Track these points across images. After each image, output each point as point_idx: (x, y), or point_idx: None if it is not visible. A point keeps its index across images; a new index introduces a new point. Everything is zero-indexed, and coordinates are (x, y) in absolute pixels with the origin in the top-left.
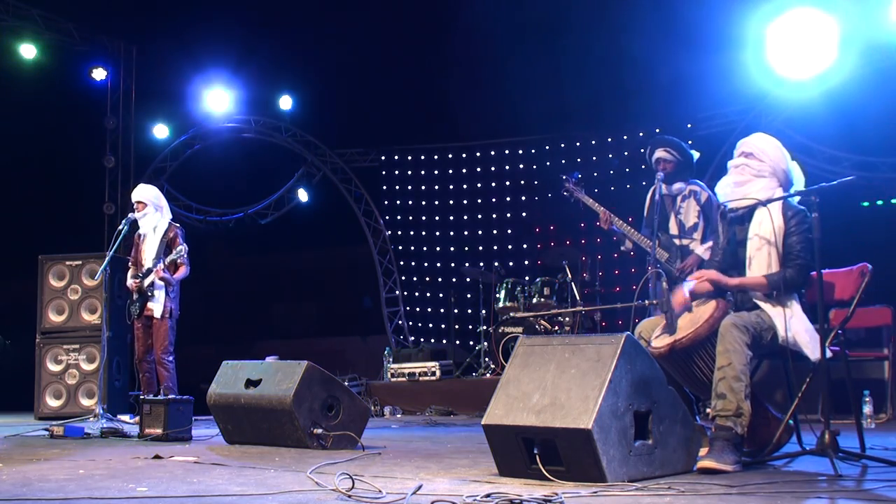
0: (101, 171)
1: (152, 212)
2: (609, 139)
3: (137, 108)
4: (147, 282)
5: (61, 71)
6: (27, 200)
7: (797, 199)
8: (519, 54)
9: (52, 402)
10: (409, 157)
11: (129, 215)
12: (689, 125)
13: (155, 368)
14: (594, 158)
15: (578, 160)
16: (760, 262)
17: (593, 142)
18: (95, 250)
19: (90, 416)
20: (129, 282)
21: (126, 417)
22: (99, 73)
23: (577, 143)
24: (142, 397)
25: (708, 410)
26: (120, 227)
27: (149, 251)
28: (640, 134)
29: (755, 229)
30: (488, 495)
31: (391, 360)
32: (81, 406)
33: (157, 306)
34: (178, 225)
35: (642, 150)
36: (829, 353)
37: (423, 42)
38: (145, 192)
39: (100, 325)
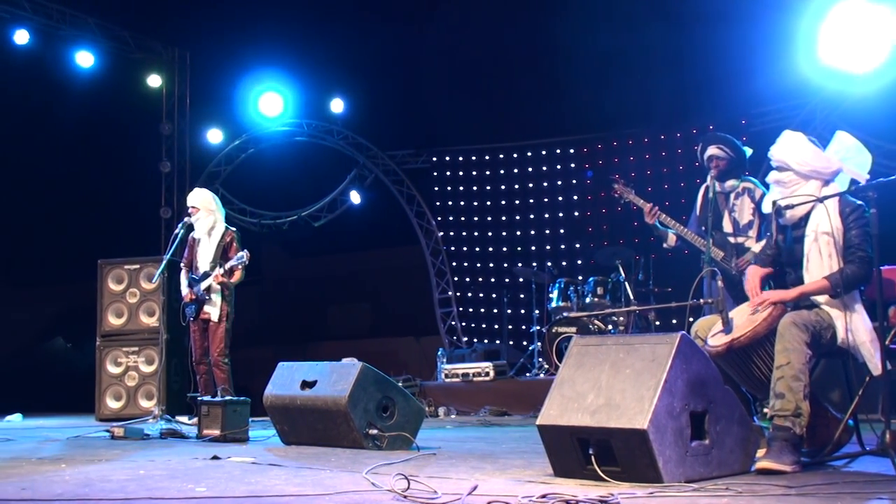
0: (157, 176)
1: (206, 216)
2: (662, 136)
3: (192, 114)
4: (204, 286)
5: (117, 78)
6: (86, 206)
7: (852, 188)
8: (569, 52)
9: (113, 404)
10: (461, 158)
11: (185, 219)
12: (742, 121)
13: (212, 370)
14: (647, 156)
15: (631, 158)
16: (817, 259)
17: (646, 139)
18: (153, 254)
19: (149, 417)
20: (184, 290)
21: (184, 419)
22: (154, 80)
23: (630, 142)
24: (199, 399)
25: (766, 410)
26: (176, 230)
27: (204, 255)
28: (693, 131)
29: (812, 226)
30: (544, 496)
31: (445, 360)
32: (141, 407)
33: (213, 310)
34: (233, 229)
35: (695, 148)
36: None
37: (473, 43)
38: (199, 197)
39: (158, 327)
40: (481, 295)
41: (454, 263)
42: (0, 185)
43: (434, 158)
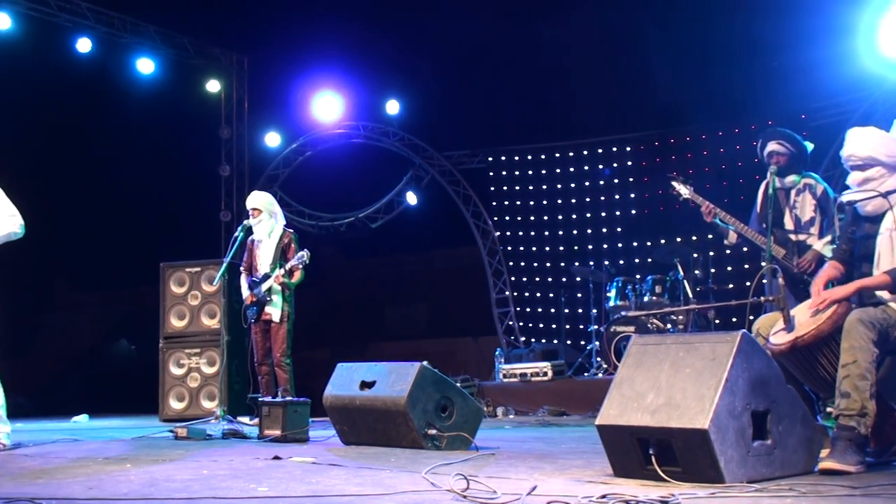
0: (216, 180)
1: (266, 218)
2: (719, 133)
3: (250, 118)
4: (265, 287)
5: (177, 84)
6: (148, 210)
7: None
8: (624, 50)
9: (176, 405)
10: (517, 158)
11: (245, 222)
12: (802, 116)
13: (273, 371)
14: (704, 153)
15: (688, 155)
16: (887, 254)
17: (703, 136)
18: (213, 257)
19: (211, 417)
20: (245, 293)
21: (245, 419)
22: (213, 85)
23: (687, 138)
24: (260, 399)
25: (830, 409)
26: (236, 233)
27: (264, 257)
28: (752, 127)
29: (887, 224)
30: (604, 496)
31: (503, 360)
32: (203, 408)
33: (275, 311)
34: (291, 231)
35: (754, 144)
36: None
37: (527, 42)
38: (259, 199)
39: (219, 329)
40: (538, 294)
41: (511, 263)
42: (65, 191)
43: (490, 158)
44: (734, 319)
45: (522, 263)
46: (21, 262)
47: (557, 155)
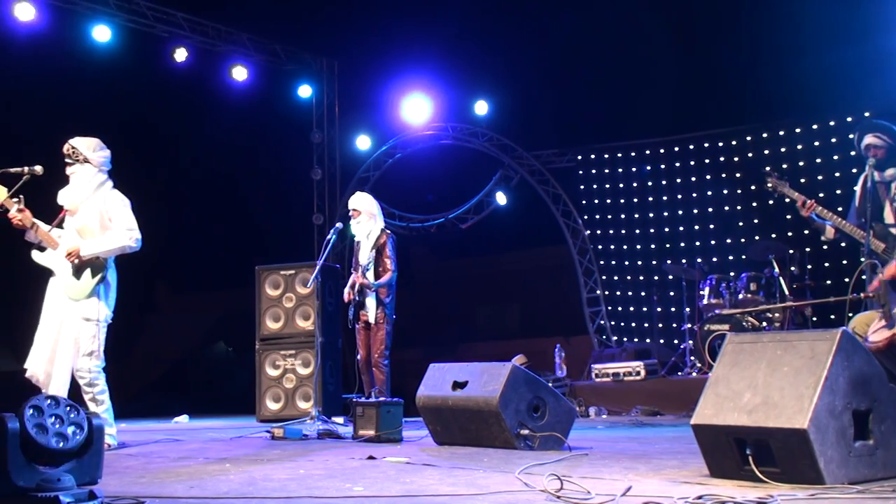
0: (308, 184)
1: (365, 220)
2: (815, 126)
3: (341, 121)
4: (357, 287)
5: (269, 90)
6: (244, 214)
7: None
8: (712, 42)
9: (272, 405)
10: (606, 155)
11: (337, 225)
12: None
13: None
14: (799, 147)
15: (782, 150)
16: None
17: (798, 130)
18: (306, 259)
19: (307, 418)
20: (346, 293)
21: (339, 419)
22: (304, 91)
23: (781, 133)
24: (355, 400)
25: None
26: (328, 236)
27: (363, 257)
28: (848, 119)
29: None
30: (700, 497)
31: (595, 360)
32: (298, 409)
33: (370, 312)
34: (389, 232)
35: (851, 136)
36: None
37: (614, 39)
38: (359, 200)
39: (313, 331)
40: (630, 293)
41: (602, 262)
42: (164, 196)
43: (579, 157)
44: (832, 317)
45: (613, 262)
46: (125, 266)
47: (647, 152)
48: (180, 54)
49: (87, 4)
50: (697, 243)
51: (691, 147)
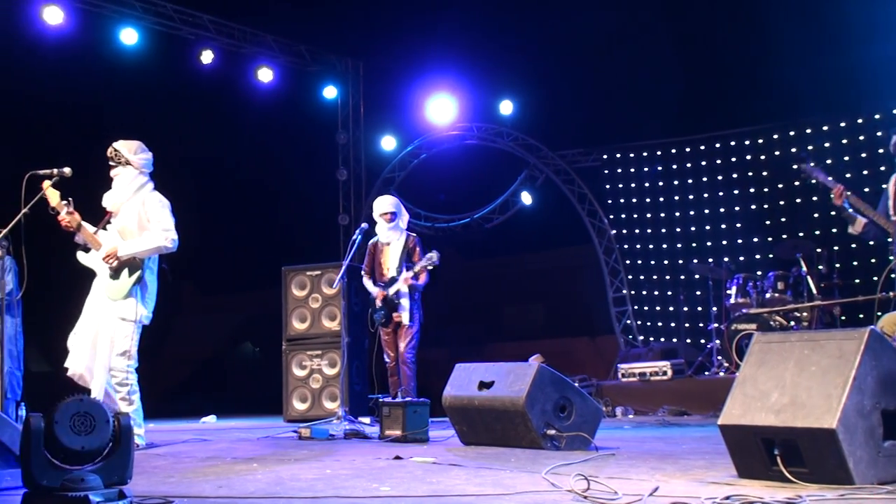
0: (334, 185)
1: (398, 223)
2: (842, 124)
3: (366, 122)
4: (393, 290)
5: (295, 91)
6: (269, 215)
7: None
8: (739, 42)
9: (299, 406)
10: (632, 155)
11: (363, 225)
12: None
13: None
14: (826, 145)
15: (809, 148)
16: None
17: (825, 127)
18: (332, 260)
19: (333, 418)
20: (375, 291)
21: (366, 420)
22: (330, 92)
23: (808, 130)
24: (381, 400)
25: None
26: (354, 236)
27: (391, 260)
28: (876, 116)
29: None
30: (728, 497)
31: (621, 360)
32: (325, 409)
33: (404, 314)
34: (414, 234)
35: (879, 134)
36: None
37: (637, 38)
38: (392, 203)
39: (339, 331)
40: (656, 293)
41: (628, 261)
42: (190, 197)
43: (605, 156)
44: (861, 316)
45: (639, 261)
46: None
47: (673, 150)
48: (206, 56)
49: (114, 7)
50: (724, 242)
51: (717, 145)
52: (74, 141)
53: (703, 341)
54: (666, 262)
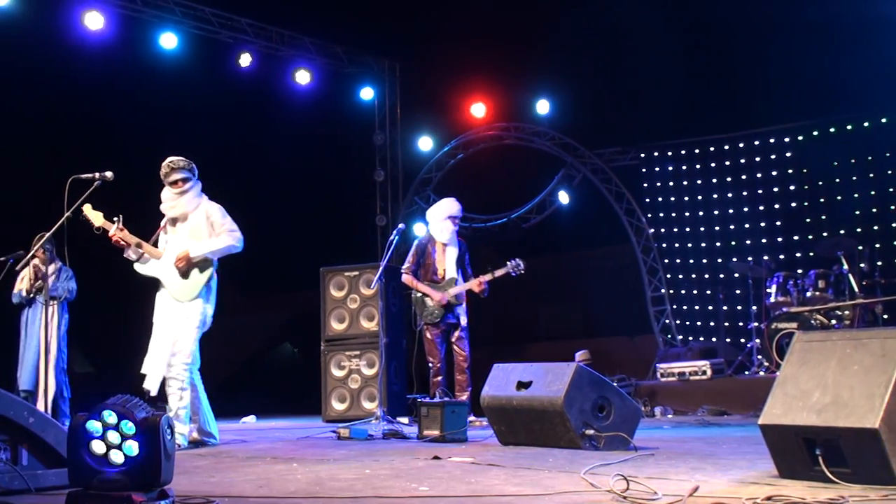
0: (371, 186)
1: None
2: (883, 120)
3: (403, 123)
4: (455, 291)
5: (332, 93)
6: (308, 216)
7: None
8: (777, 39)
9: (338, 406)
10: (670, 153)
11: (400, 226)
12: None
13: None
14: (867, 142)
15: (849, 144)
16: None
17: (865, 124)
18: (369, 261)
19: (372, 418)
20: (431, 290)
21: (404, 420)
22: (367, 93)
23: (848, 127)
24: (419, 400)
25: None
26: (391, 237)
27: (449, 262)
28: None
29: None
30: (769, 498)
31: (660, 359)
32: (363, 409)
33: (462, 316)
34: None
35: None
36: None
37: (676, 34)
38: (458, 207)
39: (377, 331)
40: (695, 292)
41: (666, 260)
42: (229, 200)
43: (642, 154)
44: None
45: (678, 260)
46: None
47: (712, 148)
48: (245, 59)
49: (153, 12)
50: (764, 240)
51: (757, 143)
52: (115, 145)
53: (742, 340)
54: (705, 260)
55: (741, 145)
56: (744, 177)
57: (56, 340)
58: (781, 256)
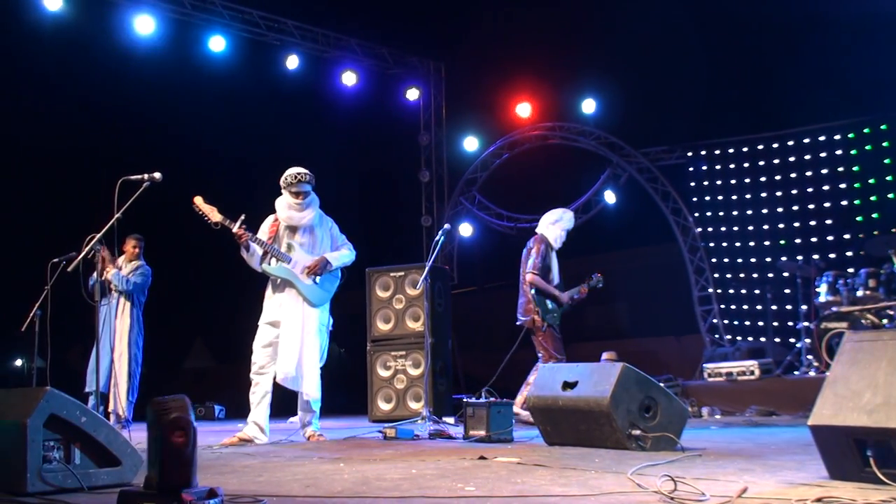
0: (417, 186)
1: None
2: None
3: (448, 123)
4: (567, 296)
5: (378, 94)
6: (354, 217)
7: None
8: (828, 35)
9: (384, 406)
10: (717, 152)
11: (445, 226)
12: None
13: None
14: None
15: None
16: None
17: None
18: (415, 261)
19: (418, 418)
20: (565, 297)
21: (450, 420)
22: (412, 94)
23: None
24: (465, 400)
25: None
26: (437, 237)
27: (556, 268)
28: None
29: None
30: (819, 500)
31: (707, 359)
32: (409, 409)
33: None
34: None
35: None
36: None
37: (720, 36)
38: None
39: (423, 332)
40: (743, 291)
41: (713, 260)
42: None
43: (689, 153)
44: None
45: (725, 259)
46: (237, 269)
47: (760, 147)
48: (292, 61)
49: (202, 16)
50: (813, 239)
51: (806, 141)
52: (165, 146)
53: (791, 340)
54: (753, 259)
55: (790, 143)
56: (793, 175)
57: (128, 344)
58: (831, 255)
